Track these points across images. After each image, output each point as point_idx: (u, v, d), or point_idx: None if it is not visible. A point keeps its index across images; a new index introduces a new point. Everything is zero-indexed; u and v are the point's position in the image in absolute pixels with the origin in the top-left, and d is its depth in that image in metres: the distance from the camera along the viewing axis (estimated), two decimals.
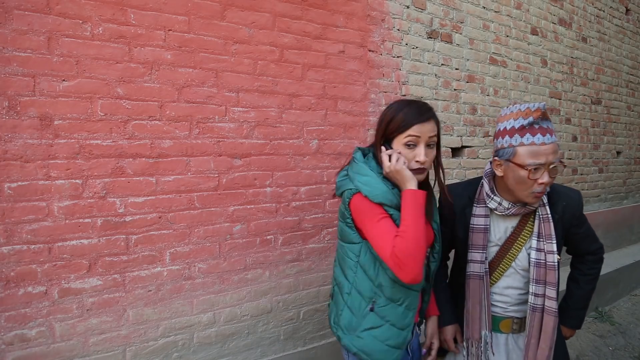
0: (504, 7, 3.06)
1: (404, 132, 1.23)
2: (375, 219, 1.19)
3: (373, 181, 1.21)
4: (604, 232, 4.12)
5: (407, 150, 1.23)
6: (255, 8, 1.91)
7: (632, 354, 2.98)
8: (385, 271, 1.25)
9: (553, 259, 1.33)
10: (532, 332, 1.36)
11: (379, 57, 2.35)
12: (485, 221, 1.40)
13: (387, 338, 1.26)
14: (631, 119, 4.47)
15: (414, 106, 1.26)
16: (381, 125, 1.28)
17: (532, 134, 1.23)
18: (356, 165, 1.28)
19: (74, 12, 1.52)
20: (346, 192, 1.25)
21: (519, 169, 1.25)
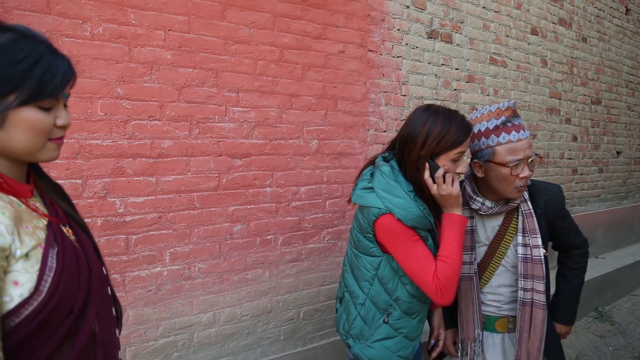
0: (504, 7, 3.06)
1: (456, 149, 1.20)
2: (408, 242, 1.18)
3: (408, 204, 1.18)
4: (604, 232, 4.12)
5: (452, 164, 1.22)
6: (255, 8, 1.91)
7: (632, 354, 2.98)
8: (404, 286, 1.25)
9: (539, 252, 1.36)
10: (523, 327, 1.38)
11: (379, 57, 2.35)
12: (471, 222, 1.42)
13: (399, 349, 1.28)
14: (631, 119, 4.47)
15: (459, 120, 1.22)
16: (427, 140, 1.20)
17: (507, 132, 1.28)
18: (385, 183, 1.22)
19: (74, 12, 1.52)
20: (373, 210, 1.20)
21: (500, 168, 1.29)
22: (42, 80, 0.68)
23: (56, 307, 0.67)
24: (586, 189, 3.94)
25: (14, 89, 0.66)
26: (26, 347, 0.66)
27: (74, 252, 0.75)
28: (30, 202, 0.76)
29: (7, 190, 0.71)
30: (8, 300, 0.63)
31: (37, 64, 0.68)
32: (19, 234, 0.67)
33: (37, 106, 0.69)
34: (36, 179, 0.83)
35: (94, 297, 0.76)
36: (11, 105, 0.66)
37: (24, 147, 0.70)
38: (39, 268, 0.67)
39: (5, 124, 0.67)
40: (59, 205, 0.83)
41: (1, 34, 0.66)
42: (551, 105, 3.51)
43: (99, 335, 0.77)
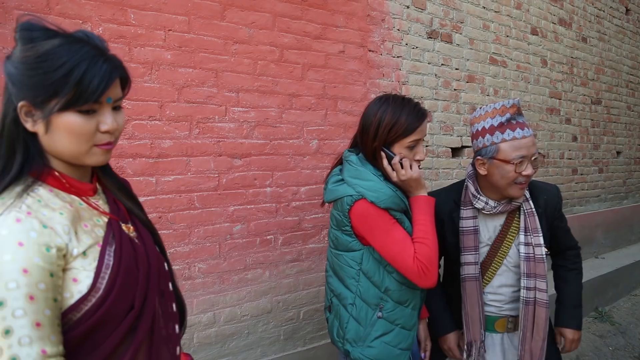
0: (504, 7, 3.06)
1: (409, 137, 1.21)
2: (385, 226, 1.18)
3: (378, 185, 1.19)
4: (604, 232, 4.12)
5: (408, 152, 1.23)
6: (255, 8, 1.91)
7: (632, 354, 2.98)
8: (391, 275, 1.24)
9: (541, 251, 1.36)
10: (527, 326, 1.38)
11: (379, 57, 2.35)
12: (474, 222, 1.41)
13: (399, 342, 1.26)
14: (631, 119, 4.47)
15: (410, 108, 1.23)
16: (379, 130, 1.21)
17: (511, 129, 1.28)
18: (354, 170, 1.23)
19: (74, 12, 1.52)
20: (345, 199, 1.20)
21: (504, 165, 1.28)
22: (81, 85, 0.68)
23: (115, 303, 0.70)
24: (586, 189, 3.94)
25: (55, 95, 0.67)
26: (88, 341, 0.69)
27: (133, 249, 0.77)
28: (92, 200, 0.78)
29: (69, 190, 0.74)
30: (69, 297, 0.67)
31: (75, 68, 0.68)
32: (77, 233, 0.69)
33: (78, 111, 0.70)
34: (102, 177, 0.86)
35: (152, 293, 0.78)
36: (52, 110, 0.68)
37: (68, 151, 0.72)
38: (96, 266, 0.70)
39: (50, 129, 0.69)
40: (122, 203, 0.86)
41: (47, 40, 0.68)
42: (551, 105, 3.51)
43: (158, 330, 0.79)
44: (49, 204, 0.69)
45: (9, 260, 0.61)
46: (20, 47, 0.69)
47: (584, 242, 3.88)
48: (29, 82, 0.67)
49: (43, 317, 0.62)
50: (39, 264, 0.63)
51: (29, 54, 0.67)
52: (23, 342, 0.60)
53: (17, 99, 0.68)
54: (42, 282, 0.63)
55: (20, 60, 0.67)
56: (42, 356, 0.61)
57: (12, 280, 0.60)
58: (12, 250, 0.61)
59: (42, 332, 0.61)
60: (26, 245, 0.62)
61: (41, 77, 0.67)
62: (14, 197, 0.66)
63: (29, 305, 0.61)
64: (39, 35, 0.69)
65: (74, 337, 0.66)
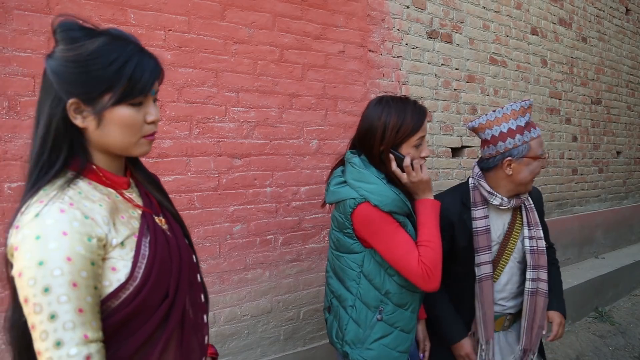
0: (504, 7, 3.06)
1: (415, 135, 1.21)
2: (389, 229, 1.17)
3: (382, 189, 1.18)
4: (604, 232, 4.12)
5: (415, 150, 1.23)
6: (255, 8, 1.91)
7: (632, 354, 2.98)
8: (392, 278, 1.23)
9: (542, 244, 1.45)
10: (530, 315, 1.44)
11: (379, 57, 2.35)
12: (486, 222, 1.43)
13: (398, 344, 1.26)
14: (631, 119, 4.47)
15: (412, 106, 1.24)
16: (386, 133, 1.20)
17: (533, 127, 1.38)
18: (357, 172, 1.22)
19: (74, 12, 1.51)
20: (348, 202, 1.19)
21: (533, 162, 1.37)
22: (132, 78, 0.72)
23: (150, 292, 0.73)
24: (586, 189, 3.94)
25: (108, 89, 0.71)
26: (124, 329, 0.72)
27: (166, 241, 0.80)
28: (126, 193, 0.81)
29: (105, 183, 0.77)
30: (107, 285, 0.69)
31: (127, 63, 0.72)
32: (115, 224, 0.72)
33: (129, 104, 0.73)
34: (133, 171, 0.88)
35: (183, 283, 0.81)
36: (107, 105, 0.71)
37: (119, 143, 0.75)
38: (133, 255, 0.73)
39: (102, 123, 0.72)
40: (153, 196, 0.88)
41: (95, 38, 0.71)
42: (551, 105, 3.51)
43: (188, 319, 0.82)
44: (88, 196, 0.72)
45: (54, 248, 0.63)
46: (63, 47, 0.70)
47: (584, 242, 3.89)
48: (82, 79, 0.69)
49: (85, 304, 0.65)
50: (81, 253, 0.65)
51: (78, 53, 0.69)
52: (67, 327, 0.62)
53: (66, 97, 0.70)
54: (84, 270, 0.66)
55: (69, 59, 0.69)
56: (84, 340, 0.63)
57: (57, 268, 0.63)
58: (57, 239, 0.64)
59: (84, 318, 0.64)
60: (70, 235, 0.65)
61: (95, 74, 0.69)
62: (56, 189, 0.69)
63: (72, 291, 0.64)
64: (80, 34, 0.71)
65: (111, 324, 0.69)
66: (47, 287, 0.62)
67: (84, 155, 0.75)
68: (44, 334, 0.62)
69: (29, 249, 0.64)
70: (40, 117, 0.72)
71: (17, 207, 0.71)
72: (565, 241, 3.62)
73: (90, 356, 0.64)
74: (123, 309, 0.70)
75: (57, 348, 0.62)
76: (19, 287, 0.65)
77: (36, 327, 0.63)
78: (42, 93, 0.72)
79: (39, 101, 0.73)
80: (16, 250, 0.65)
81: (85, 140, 0.74)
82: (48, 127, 0.71)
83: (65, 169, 0.72)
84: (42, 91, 0.72)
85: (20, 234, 0.65)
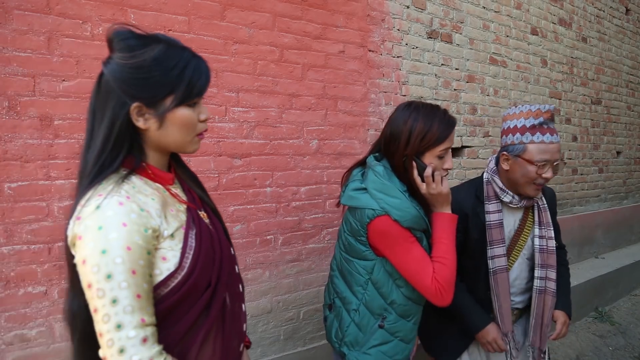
0: (504, 7, 3.06)
1: (440, 145, 1.18)
2: (406, 244, 1.16)
3: (404, 205, 1.16)
4: (604, 232, 4.12)
5: (438, 161, 1.20)
6: (255, 8, 1.91)
7: (632, 354, 2.98)
8: (399, 289, 1.23)
9: (552, 244, 1.47)
10: (538, 313, 1.46)
11: (379, 57, 2.35)
12: (500, 216, 1.46)
13: (395, 353, 1.25)
14: (631, 119, 4.47)
15: (440, 115, 1.20)
16: (411, 139, 1.17)
17: (542, 132, 1.34)
18: (380, 183, 1.18)
19: (74, 12, 1.52)
20: (367, 211, 1.16)
21: (527, 164, 1.35)
22: (192, 81, 0.78)
23: (196, 281, 0.78)
24: (586, 189, 3.94)
25: (170, 93, 0.77)
26: (172, 315, 0.77)
27: (209, 234, 0.86)
28: (172, 189, 0.86)
29: (154, 179, 0.83)
30: (158, 273, 0.75)
31: (186, 68, 0.78)
32: (166, 216, 0.78)
33: (187, 105, 0.80)
34: (176, 168, 0.93)
35: (224, 274, 0.87)
36: (169, 107, 0.77)
37: (178, 142, 0.82)
38: (182, 247, 0.78)
39: (163, 124, 0.78)
40: (194, 192, 0.94)
41: (154, 45, 0.76)
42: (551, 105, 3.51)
43: (228, 308, 0.87)
44: (142, 191, 0.77)
45: (115, 237, 0.68)
46: (124, 54, 0.75)
47: (584, 242, 3.88)
48: (146, 84, 0.75)
49: (142, 290, 0.70)
50: (138, 243, 0.71)
51: (142, 60, 0.74)
52: (127, 311, 0.68)
53: (130, 101, 0.75)
54: (141, 258, 0.71)
55: (133, 66, 0.74)
56: (141, 324, 0.69)
57: (118, 256, 0.68)
58: (117, 229, 0.69)
59: (141, 303, 0.70)
60: (129, 226, 0.70)
61: (158, 79, 0.75)
62: (112, 184, 0.74)
63: (131, 278, 0.69)
64: (136, 42, 0.76)
65: (160, 310, 0.74)
66: (109, 273, 0.67)
67: (139, 153, 0.80)
68: (106, 317, 0.67)
69: (92, 238, 0.68)
70: (98, 118, 0.76)
71: (74, 200, 0.75)
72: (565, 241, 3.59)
73: (146, 338, 0.69)
74: (171, 297, 0.75)
75: (117, 330, 0.67)
76: (82, 274, 0.70)
77: (99, 310, 0.68)
78: (101, 96, 0.76)
79: (96, 103, 0.77)
80: (80, 239, 0.70)
81: (142, 140, 0.80)
82: (111, 129, 0.75)
83: (119, 166, 0.77)
84: (100, 94, 0.76)
85: (82, 225, 0.70)
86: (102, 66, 0.77)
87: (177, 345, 0.77)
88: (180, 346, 0.78)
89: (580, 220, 3.80)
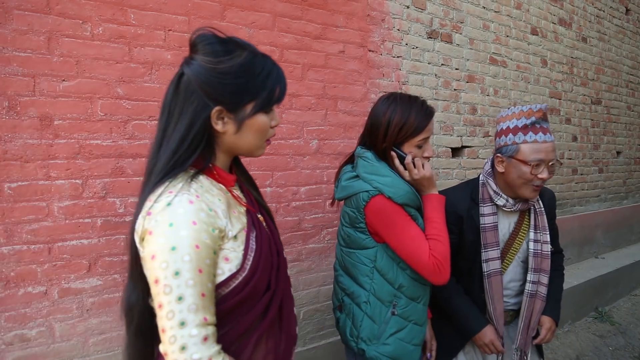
0: (504, 7, 3.06)
1: (418, 136, 1.23)
2: (402, 222, 1.18)
3: (396, 181, 1.19)
4: (604, 232, 4.12)
5: (417, 150, 1.25)
6: (255, 8, 1.91)
7: (632, 354, 2.98)
8: (404, 272, 1.24)
9: (547, 248, 1.44)
10: (527, 316, 1.45)
11: (379, 57, 2.35)
12: (494, 219, 1.44)
13: (412, 337, 1.27)
14: (631, 119, 4.47)
15: (418, 106, 1.24)
16: (389, 130, 1.22)
17: (534, 132, 1.32)
18: (370, 165, 1.22)
19: (74, 12, 1.52)
20: (362, 195, 1.19)
21: (521, 165, 1.33)
22: (273, 89, 0.80)
23: (257, 284, 0.79)
24: (586, 189, 3.94)
25: (253, 99, 0.78)
26: (231, 315, 0.78)
27: (268, 237, 0.87)
28: (234, 190, 0.87)
29: (218, 180, 0.83)
30: (220, 273, 0.75)
31: (270, 76, 0.80)
32: (230, 217, 0.79)
33: (264, 111, 0.81)
34: (235, 170, 0.94)
35: (282, 276, 0.88)
36: (250, 114, 0.79)
37: (250, 146, 0.83)
38: (244, 248, 0.79)
39: (241, 129, 0.80)
40: (251, 194, 0.95)
41: (240, 51, 0.78)
42: (551, 105, 3.51)
43: (284, 311, 0.88)
44: (209, 191, 0.78)
45: (185, 235, 0.69)
46: (209, 58, 0.76)
47: (584, 242, 3.88)
48: (231, 90, 0.76)
49: (207, 289, 0.71)
50: (206, 242, 0.71)
51: (229, 65, 0.75)
52: (191, 309, 0.68)
53: (213, 104, 0.76)
54: (208, 258, 0.71)
55: (220, 71, 0.75)
56: (203, 323, 0.69)
57: (187, 254, 0.69)
58: (187, 227, 0.70)
59: (205, 302, 0.70)
60: (198, 225, 0.71)
61: (243, 85, 0.77)
62: (182, 182, 0.75)
63: (198, 277, 0.69)
64: (220, 47, 0.77)
65: (220, 310, 0.75)
66: (177, 270, 0.68)
67: (209, 154, 0.81)
68: (171, 314, 0.67)
69: (163, 234, 0.69)
70: (175, 117, 0.77)
71: (141, 195, 0.77)
72: (565, 241, 3.61)
73: (207, 337, 0.69)
74: (231, 298, 0.76)
75: (180, 327, 0.67)
76: (150, 269, 0.70)
77: (164, 306, 0.68)
78: (180, 96, 0.77)
79: (173, 102, 0.78)
80: (150, 234, 0.70)
81: (215, 142, 0.81)
82: (189, 129, 0.76)
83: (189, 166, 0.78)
84: (178, 94, 0.77)
85: (153, 220, 0.71)
86: (182, 66, 0.78)
87: (232, 345, 0.78)
88: (235, 346, 0.79)
89: (580, 220, 3.80)
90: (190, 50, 0.79)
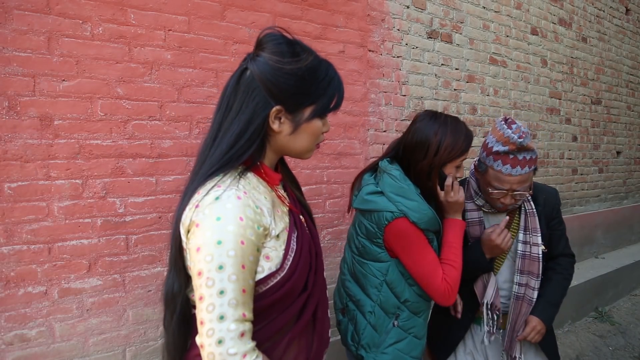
0: (504, 7, 3.06)
1: (462, 157, 1.26)
2: (421, 246, 1.21)
3: (422, 207, 1.21)
4: (604, 232, 4.12)
5: (456, 171, 1.28)
6: (255, 8, 1.91)
7: (632, 354, 2.98)
8: (411, 287, 1.27)
9: (537, 250, 1.40)
10: (514, 318, 1.43)
11: (379, 57, 2.35)
12: (479, 214, 1.45)
13: (411, 350, 1.29)
14: (631, 119, 4.47)
15: (464, 130, 1.27)
16: (440, 150, 1.22)
17: (503, 162, 1.29)
18: (398, 186, 1.22)
19: (74, 12, 1.52)
20: (385, 214, 1.20)
21: (487, 184, 1.36)
22: (332, 96, 0.81)
23: (294, 284, 0.79)
24: (586, 189, 3.94)
25: (313, 103, 0.79)
26: (267, 314, 0.78)
27: (308, 239, 0.87)
28: (278, 189, 0.87)
29: (265, 179, 0.83)
30: (260, 271, 0.75)
31: (332, 82, 0.80)
32: (274, 216, 0.79)
33: (320, 117, 0.82)
34: (281, 169, 0.94)
35: (319, 279, 0.88)
36: (308, 117, 0.79)
37: (302, 149, 0.84)
38: (284, 248, 0.79)
39: (297, 131, 0.80)
40: (294, 194, 0.95)
41: (307, 54, 0.78)
42: (551, 105, 3.51)
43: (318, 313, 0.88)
44: (256, 188, 0.78)
45: (231, 231, 0.69)
46: (277, 57, 0.75)
47: (584, 242, 3.88)
48: (295, 91, 0.76)
49: (248, 285, 0.71)
50: (251, 239, 0.72)
51: (298, 67, 0.75)
52: (231, 304, 0.68)
53: (274, 103, 0.76)
54: (251, 254, 0.72)
55: (288, 72, 0.75)
56: (242, 318, 0.69)
57: (232, 249, 0.69)
58: (234, 222, 0.70)
59: (245, 298, 0.70)
60: (245, 221, 0.71)
61: (307, 88, 0.77)
62: (231, 177, 0.75)
63: (241, 272, 0.70)
64: (287, 48, 0.77)
65: (256, 307, 0.74)
66: (221, 264, 0.68)
67: (259, 152, 0.80)
68: (211, 307, 0.68)
69: (210, 227, 0.69)
70: (233, 113, 0.77)
71: (188, 187, 0.77)
72: None
73: (244, 333, 0.69)
74: (268, 296, 0.76)
75: (219, 321, 0.67)
76: (194, 261, 0.70)
77: (205, 299, 0.68)
78: (241, 92, 0.77)
79: (232, 97, 0.77)
80: (197, 226, 0.70)
81: (267, 140, 0.81)
82: (247, 125, 0.76)
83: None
84: (239, 89, 0.77)
85: (201, 213, 0.71)
86: (245, 61, 0.77)
87: (265, 343, 0.78)
88: (268, 344, 0.79)
89: (580, 220, 3.80)
90: (256, 47, 0.79)
